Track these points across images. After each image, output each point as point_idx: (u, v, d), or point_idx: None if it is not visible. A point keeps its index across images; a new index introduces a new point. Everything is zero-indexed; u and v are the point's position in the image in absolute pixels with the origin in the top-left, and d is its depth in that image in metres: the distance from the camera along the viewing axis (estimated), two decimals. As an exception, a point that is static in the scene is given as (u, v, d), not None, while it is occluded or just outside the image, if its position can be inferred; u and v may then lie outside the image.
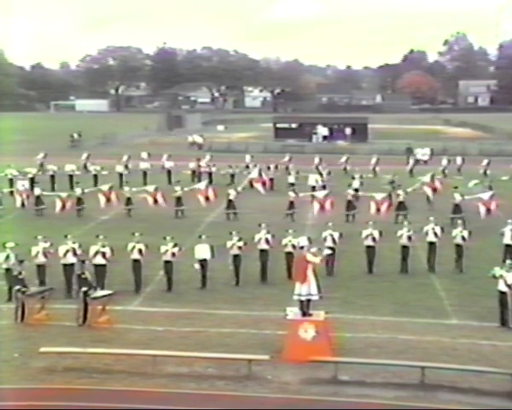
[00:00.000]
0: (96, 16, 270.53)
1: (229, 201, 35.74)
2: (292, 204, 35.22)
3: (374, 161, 50.72)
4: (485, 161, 49.16)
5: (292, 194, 35.71)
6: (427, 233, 25.92)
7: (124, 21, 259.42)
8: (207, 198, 36.51)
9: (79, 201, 36.38)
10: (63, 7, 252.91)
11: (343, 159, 51.06)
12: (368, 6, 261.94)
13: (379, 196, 33.57)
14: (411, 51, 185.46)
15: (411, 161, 52.51)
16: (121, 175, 45.72)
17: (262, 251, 24.58)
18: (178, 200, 36.26)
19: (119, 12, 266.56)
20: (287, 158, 50.28)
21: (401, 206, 34.18)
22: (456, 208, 32.69)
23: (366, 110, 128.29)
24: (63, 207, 35.31)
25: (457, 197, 33.13)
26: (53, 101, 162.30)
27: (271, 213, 34.20)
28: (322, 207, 32.82)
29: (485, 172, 47.50)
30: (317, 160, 49.87)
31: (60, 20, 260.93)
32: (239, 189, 38.11)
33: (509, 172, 48.37)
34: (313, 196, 34.80)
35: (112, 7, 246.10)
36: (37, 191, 37.48)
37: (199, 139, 73.67)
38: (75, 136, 73.62)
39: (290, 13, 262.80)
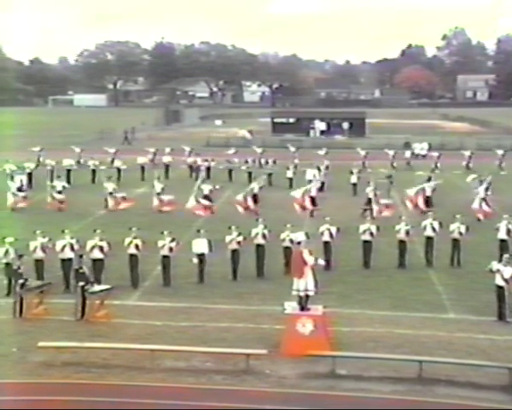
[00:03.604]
0: (95, 11, 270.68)
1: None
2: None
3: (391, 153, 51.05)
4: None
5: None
6: (425, 228, 25.97)
7: (122, 17, 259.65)
8: (247, 208, 32.63)
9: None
10: (62, 2, 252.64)
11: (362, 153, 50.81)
12: (367, 1, 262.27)
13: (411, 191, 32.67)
14: (410, 46, 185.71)
15: (408, 155, 52.71)
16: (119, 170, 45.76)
17: (258, 246, 24.59)
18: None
19: (117, 7, 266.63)
20: (323, 152, 50.41)
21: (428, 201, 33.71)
22: None
23: (364, 105, 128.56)
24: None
25: None
26: (51, 95, 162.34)
27: (268, 208, 34.23)
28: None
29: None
30: (363, 152, 50.40)
31: (59, 16, 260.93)
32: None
33: (507, 166, 48.49)
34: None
35: (111, 2, 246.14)
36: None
37: (247, 135, 73.99)
38: (129, 132, 74.97)
39: (288, 8, 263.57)
